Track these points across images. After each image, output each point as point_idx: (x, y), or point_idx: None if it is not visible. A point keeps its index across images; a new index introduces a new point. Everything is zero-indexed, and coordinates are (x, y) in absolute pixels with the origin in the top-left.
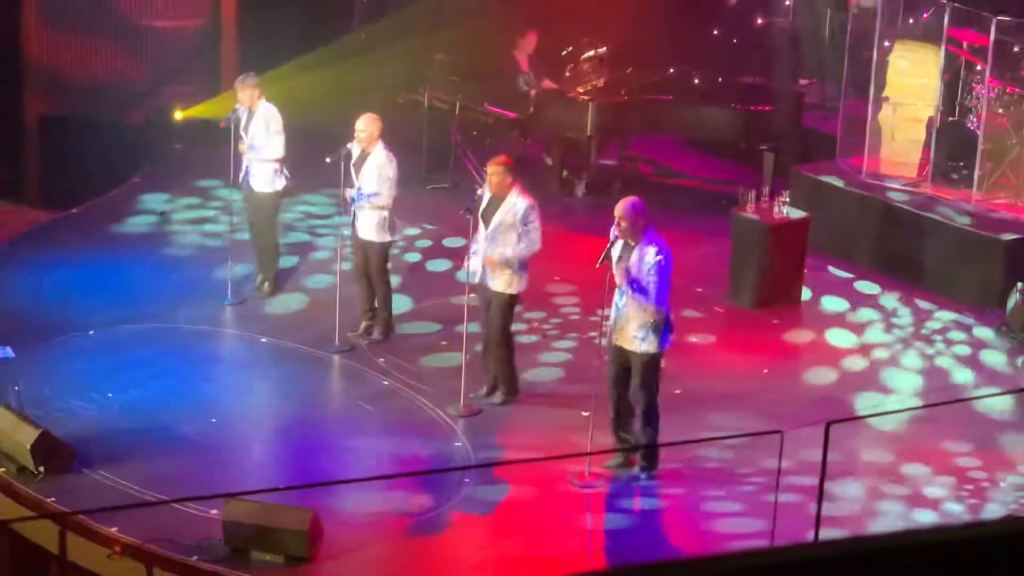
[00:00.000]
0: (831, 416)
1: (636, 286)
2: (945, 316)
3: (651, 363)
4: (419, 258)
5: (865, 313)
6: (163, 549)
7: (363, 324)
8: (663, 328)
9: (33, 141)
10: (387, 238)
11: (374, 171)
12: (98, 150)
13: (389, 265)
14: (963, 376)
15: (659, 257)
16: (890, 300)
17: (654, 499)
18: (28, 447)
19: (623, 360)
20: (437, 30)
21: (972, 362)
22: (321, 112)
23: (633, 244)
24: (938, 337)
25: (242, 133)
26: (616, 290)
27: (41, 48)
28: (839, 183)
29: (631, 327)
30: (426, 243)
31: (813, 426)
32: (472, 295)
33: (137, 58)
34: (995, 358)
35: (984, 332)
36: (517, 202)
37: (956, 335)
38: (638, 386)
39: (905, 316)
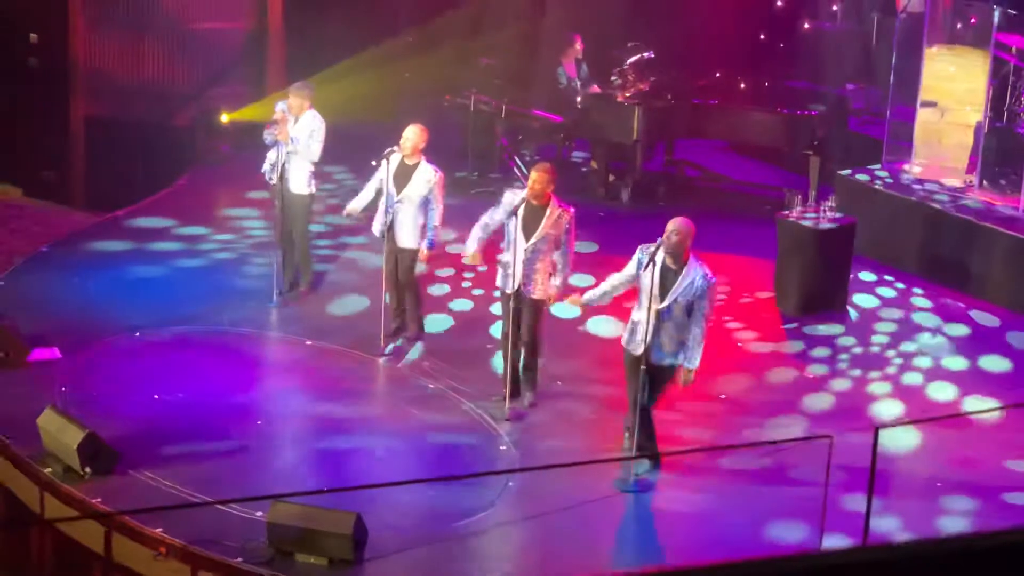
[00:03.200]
0: (880, 422)
1: (687, 309)
2: (991, 321)
3: (673, 376)
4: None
5: (911, 318)
6: (207, 551)
7: (393, 326)
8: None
9: (79, 143)
10: (422, 245)
11: (424, 185)
12: (144, 152)
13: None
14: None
15: (712, 281)
16: (936, 305)
17: (695, 503)
18: (74, 448)
19: (645, 370)
20: (483, 33)
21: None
22: (367, 114)
23: (676, 267)
24: (980, 343)
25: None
26: (642, 304)
27: (88, 50)
28: (885, 188)
29: (668, 344)
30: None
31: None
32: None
33: (183, 60)
34: None
35: None
36: (561, 214)
37: (1001, 340)
38: (652, 392)
39: (950, 322)
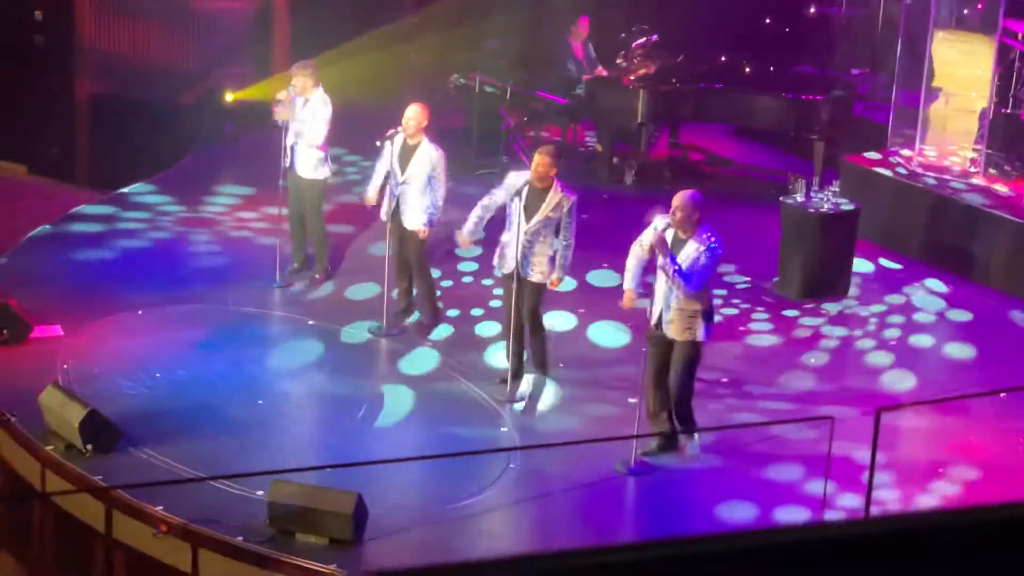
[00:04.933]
0: (881, 404)
1: (688, 276)
2: (993, 307)
3: (695, 352)
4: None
5: (913, 303)
6: (208, 529)
7: (399, 308)
8: (709, 317)
9: (83, 121)
10: (428, 228)
11: (427, 164)
12: (148, 131)
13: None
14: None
15: (714, 245)
16: (938, 290)
17: (701, 486)
18: (76, 425)
19: (667, 350)
20: (489, 15)
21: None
22: (372, 95)
23: (685, 237)
24: (985, 327)
25: (291, 124)
26: (659, 282)
27: (93, 29)
28: (890, 173)
29: (681, 319)
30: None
31: (863, 414)
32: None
33: (188, 39)
34: None
35: None
36: (563, 198)
37: (1004, 325)
38: (678, 373)
39: (953, 306)
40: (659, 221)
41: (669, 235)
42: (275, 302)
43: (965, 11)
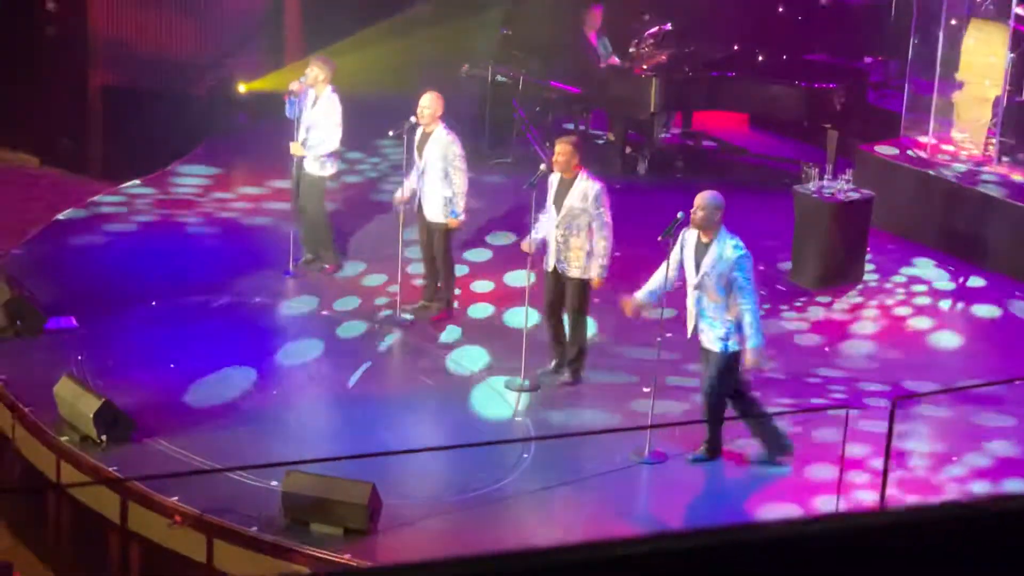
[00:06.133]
0: (896, 393)
1: (720, 284)
2: (1010, 294)
3: (727, 362)
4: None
5: (931, 291)
6: (223, 519)
7: (421, 302)
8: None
9: (96, 112)
10: (454, 219)
11: (439, 152)
12: (161, 122)
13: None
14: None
15: (743, 252)
16: (953, 278)
17: (715, 475)
18: (90, 416)
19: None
20: (501, 3)
21: None
22: (384, 85)
23: (707, 240)
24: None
25: (298, 120)
26: (689, 298)
27: (105, 19)
28: (903, 162)
29: (712, 329)
30: (486, 218)
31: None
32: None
33: (201, 30)
34: None
35: None
36: (589, 186)
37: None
38: (711, 379)
39: (968, 294)
40: (688, 235)
41: (691, 239)
42: (288, 292)
43: None
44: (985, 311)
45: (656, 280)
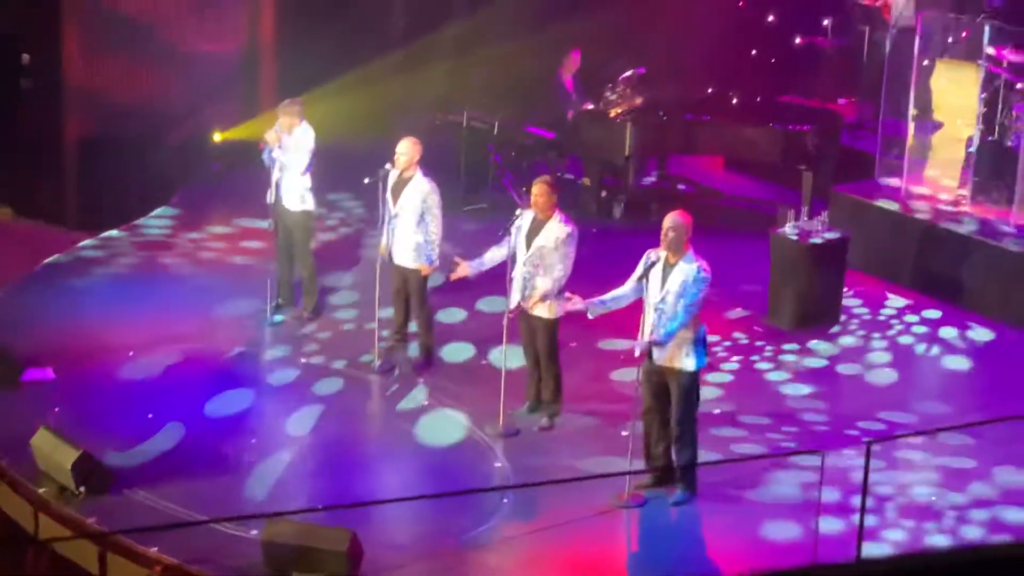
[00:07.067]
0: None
1: (680, 304)
2: (985, 336)
3: (693, 381)
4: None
5: (906, 332)
6: (204, 570)
7: (389, 343)
8: (701, 344)
9: (72, 162)
10: (429, 265)
11: (418, 198)
12: (137, 171)
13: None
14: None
15: (705, 274)
16: (929, 318)
17: (695, 518)
18: (68, 467)
19: (661, 380)
20: (475, 50)
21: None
22: (359, 132)
23: (674, 261)
24: (978, 356)
25: (277, 160)
26: (647, 314)
27: (81, 70)
28: (878, 203)
29: (675, 347)
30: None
31: (854, 446)
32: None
33: (176, 80)
34: None
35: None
36: (560, 228)
37: (997, 353)
38: (679, 405)
39: (946, 334)
40: (651, 254)
41: (658, 266)
42: (267, 340)
43: (950, 39)
44: (956, 349)
45: (612, 294)
